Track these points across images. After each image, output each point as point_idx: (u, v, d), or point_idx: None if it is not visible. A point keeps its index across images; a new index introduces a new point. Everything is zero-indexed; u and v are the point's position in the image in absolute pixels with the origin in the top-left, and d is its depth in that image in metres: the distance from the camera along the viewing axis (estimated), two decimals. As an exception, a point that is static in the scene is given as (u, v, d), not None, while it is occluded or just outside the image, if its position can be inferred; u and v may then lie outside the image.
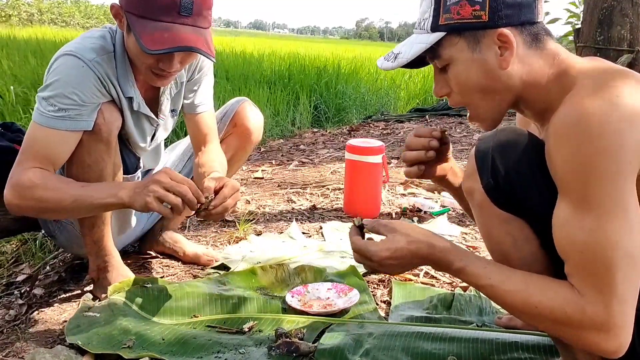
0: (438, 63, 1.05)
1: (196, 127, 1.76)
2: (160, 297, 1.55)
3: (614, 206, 0.85)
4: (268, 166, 3.53)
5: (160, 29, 1.30)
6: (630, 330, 0.87)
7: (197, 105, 1.74)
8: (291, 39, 41.68)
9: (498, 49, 0.98)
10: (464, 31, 1.00)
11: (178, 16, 1.31)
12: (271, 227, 2.31)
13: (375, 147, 2.40)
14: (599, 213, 0.85)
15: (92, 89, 1.41)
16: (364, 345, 1.33)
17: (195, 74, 1.71)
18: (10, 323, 1.57)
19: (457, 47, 1.01)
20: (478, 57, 1.00)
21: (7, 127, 1.79)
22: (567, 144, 0.88)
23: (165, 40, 1.29)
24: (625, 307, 0.86)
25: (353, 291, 1.59)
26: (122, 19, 1.38)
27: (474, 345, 1.32)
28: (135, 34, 1.31)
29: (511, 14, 0.98)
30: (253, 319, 1.46)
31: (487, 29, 0.98)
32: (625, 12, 3.85)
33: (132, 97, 1.52)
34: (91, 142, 1.44)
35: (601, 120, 0.85)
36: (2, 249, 2.15)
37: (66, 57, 1.41)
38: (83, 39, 1.47)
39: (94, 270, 1.64)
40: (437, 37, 1.01)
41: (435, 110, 6.14)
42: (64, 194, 1.36)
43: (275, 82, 6.24)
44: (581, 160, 0.86)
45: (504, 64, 0.99)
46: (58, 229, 1.67)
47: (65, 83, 1.38)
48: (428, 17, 1.03)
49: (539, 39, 1.01)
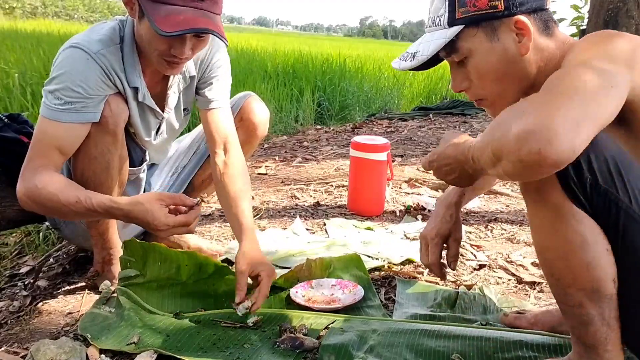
0: (456, 57, 1.07)
1: (211, 125, 1.67)
2: (165, 290, 1.55)
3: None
4: (272, 162, 3.53)
5: (174, 12, 1.30)
6: (572, 142, 0.78)
7: (210, 101, 1.68)
8: (294, 36, 41.63)
9: (515, 35, 1.02)
10: (481, 22, 1.02)
11: (191, 0, 1.31)
12: (275, 223, 2.32)
13: (380, 145, 2.40)
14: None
15: (98, 82, 1.41)
16: (368, 341, 1.33)
17: (206, 70, 1.68)
18: (14, 314, 1.57)
19: (476, 38, 1.03)
20: (497, 46, 1.03)
21: (14, 119, 1.79)
22: (571, 51, 0.99)
23: (179, 23, 1.29)
24: (568, 110, 0.79)
25: (357, 288, 1.59)
26: (134, 6, 1.37)
27: (478, 343, 1.32)
28: (148, 17, 1.31)
29: (524, 2, 1.02)
30: (257, 314, 1.46)
31: (503, 18, 1.01)
32: (630, 13, 3.83)
33: (138, 87, 1.52)
34: (98, 133, 1.44)
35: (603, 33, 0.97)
36: (6, 241, 2.15)
37: (72, 49, 1.41)
38: (90, 31, 1.47)
39: (99, 263, 1.65)
40: (456, 31, 1.03)
41: (439, 109, 6.14)
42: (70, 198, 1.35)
43: (278, 79, 6.23)
44: (581, 47, 0.97)
45: (523, 50, 1.03)
46: (63, 222, 1.67)
47: (70, 76, 1.38)
48: (444, 13, 1.05)
49: (549, 25, 1.06)
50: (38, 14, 31.33)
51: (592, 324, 0.99)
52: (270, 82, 5.92)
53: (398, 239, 2.10)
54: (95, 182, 1.47)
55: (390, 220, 2.38)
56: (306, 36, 45.34)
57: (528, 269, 1.80)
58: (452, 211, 1.35)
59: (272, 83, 5.88)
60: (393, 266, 1.85)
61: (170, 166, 1.96)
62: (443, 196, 1.40)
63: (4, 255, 2.02)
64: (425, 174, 3.13)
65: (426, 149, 3.97)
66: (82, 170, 1.47)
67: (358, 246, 2.00)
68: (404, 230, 2.19)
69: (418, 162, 3.49)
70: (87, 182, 1.45)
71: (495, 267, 1.85)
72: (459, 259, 1.79)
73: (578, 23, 4.99)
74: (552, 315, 1.37)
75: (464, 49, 1.05)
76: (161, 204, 1.35)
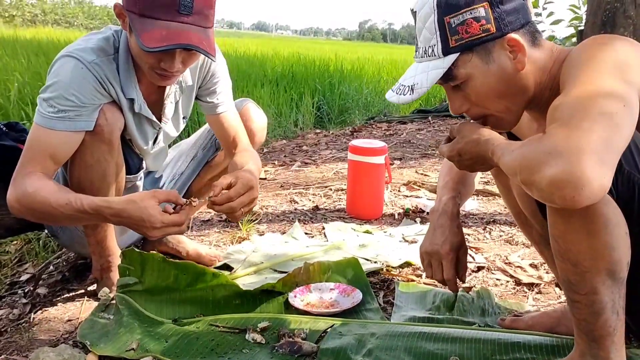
0: (453, 83, 1.08)
1: (221, 128, 1.73)
2: (164, 296, 1.55)
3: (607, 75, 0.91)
4: (271, 167, 3.53)
5: (159, 27, 1.30)
6: (601, 182, 0.81)
7: (217, 105, 1.72)
8: (294, 40, 41.70)
9: (509, 53, 1.04)
10: (475, 47, 1.04)
11: (178, 14, 1.31)
12: (274, 228, 2.32)
13: (378, 148, 2.41)
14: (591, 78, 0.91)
15: (92, 90, 1.42)
16: (367, 345, 1.34)
17: (206, 79, 1.70)
18: (14, 322, 1.57)
19: (472, 63, 1.05)
20: (494, 67, 1.05)
21: (12, 127, 1.80)
22: (570, 64, 0.98)
23: (163, 38, 1.29)
24: (592, 148, 0.81)
25: (356, 291, 1.59)
26: (125, 19, 1.38)
27: (477, 345, 1.32)
28: (135, 32, 1.32)
29: (513, 20, 1.04)
30: (264, 319, 1.46)
31: (496, 39, 1.03)
32: (628, 13, 3.84)
33: (134, 98, 1.52)
34: (94, 142, 1.44)
35: (598, 42, 0.98)
36: (6, 249, 2.16)
37: (66, 58, 1.42)
38: (84, 41, 1.48)
39: (98, 270, 1.65)
40: (452, 59, 1.05)
41: (438, 111, 6.14)
42: (61, 202, 1.34)
43: (277, 83, 6.25)
44: (581, 59, 0.96)
45: (519, 66, 1.05)
46: (61, 229, 1.68)
47: (64, 85, 1.38)
48: (436, 43, 1.06)
49: (535, 36, 1.08)
50: (38, 22, 31.41)
51: (604, 312, 0.99)
52: (269, 86, 5.94)
53: (396, 242, 2.11)
54: (92, 190, 1.47)
55: (389, 223, 2.39)
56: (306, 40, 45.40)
57: (526, 271, 1.81)
58: (457, 222, 1.34)
59: (272, 87, 5.90)
60: (391, 269, 1.85)
61: (168, 173, 1.96)
62: (440, 208, 1.36)
63: (4, 263, 2.03)
64: (424, 177, 3.13)
65: (425, 151, 3.97)
66: (78, 178, 1.48)
67: (356, 249, 2.01)
68: (403, 233, 2.19)
69: (417, 165, 3.49)
70: (84, 191, 1.46)
71: (493, 269, 1.85)
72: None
73: (576, 24, 5.00)
74: (550, 317, 1.37)
75: (462, 75, 1.06)
76: (155, 201, 1.34)
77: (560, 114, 0.89)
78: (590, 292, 0.99)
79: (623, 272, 0.97)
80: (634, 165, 0.95)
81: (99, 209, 1.34)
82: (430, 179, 3.09)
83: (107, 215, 1.35)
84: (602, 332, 1.01)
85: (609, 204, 0.95)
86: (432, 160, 3.67)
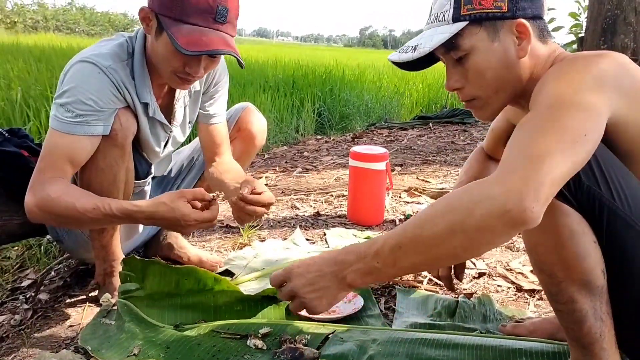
0: (455, 54, 1.08)
1: (210, 138, 1.78)
2: (165, 302, 1.55)
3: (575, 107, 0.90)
4: (272, 173, 3.54)
5: (196, 32, 1.34)
6: (544, 201, 0.84)
7: (212, 116, 1.77)
8: (295, 46, 41.79)
9: (515, 38, 1.05)
10: (484, 21, 1.04)
11: (213, 22, 1.36)
12: (275, 234, 2.32)
13: (379, 154, 2.41)
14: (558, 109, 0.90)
15: (109, 95, 1.43)
16: (368, 351, 1.34)
17: (211, 86, 1.74)
18: (15, 328, 1.57)
19: (478, 36, 1.05)
20: (498, 46, 1.05)
21: (14, 133, 1.80)
22: (549, 78, 0.98)
23: (202, 43, 1.33)
24: (542, 169, 0.83)
25: (357, 297, 1.60)
26: (150, 22, 1.41)
27: (478, 352, 1.32)
28: (170, 35, 1.33)
29: (526, 7, 1.05)
30: (266, 325, 1.46)
31: (506, 19, 1.04)
32: (628, 20, 3.86)
33: (148, 102, 1.54)
34: (107, 146, 1.46)
35: (579, 64, 0.98)
36: (7, 255, 2.16)
37: (82, 63, 1.42)
38: (98, 47, 1.49)
39: (100, 275, 1.66)
40: (460, 27, 1.05)
41: (439, 117, 6.16)
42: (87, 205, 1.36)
43: (278, 89, 6.26)
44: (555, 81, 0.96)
45: (521, 53, 1.05)
46: (66, 233, 1.68)
47: (82, 89, 1.39)
48: (449, 9, 1.07)
49: (544, 34, 1.09)
50: (39, 28, 31.51)
51: (586, 320, 1.00)
52: (270, 92, 5.95)
53: (398, 248, 2.10)
54: (102, 193, 1.48)
55: (390, 229, 2.39)
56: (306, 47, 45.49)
57: (527, 277, 1.81)
58: None
59: (273, 93, 5.91)
60: (393, 275, 1.85)
61: (169, 180, 1.97)
62: None
63: (5, 268, 2.03)
64: (425, 183, 3.13)
65: (426, 157, 3.98)
66: (88, 181, 1.49)
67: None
68: (404, 239, 2.19)
69: (418, 171, 3.50)
70: (93, 192, 1.47)
71: (494, 275, 1.85)
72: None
73: (576, 31, 5.02)
74: (551, 323, 1.38)
75: (465, 46, 1.06)
76: (184, 200, 1.37)
77: (518, 134, 0.90)
78: (569, 301, 1.00)
79: (599, 280, 0.98)
80: (594, 180, 0.95)
81: (129, 212, 1.37)
82: (431, 185, 3.09)
83: (139, 218, 1.38)
84: (588, 339, 1.02)
85: (571, 215, 0.96)
86: (433, 166, 3.68)
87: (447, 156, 4.04)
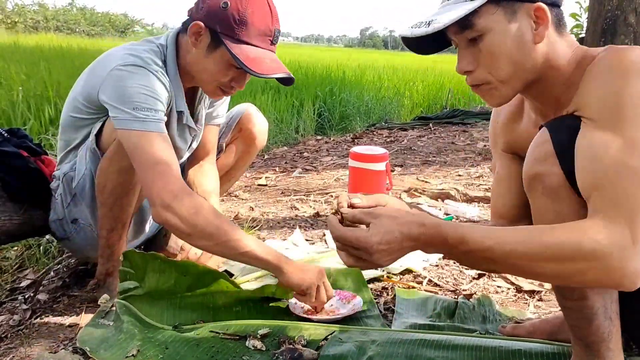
0: (469, 34, 1.03)
1: (205, 137, 1.83)
2: (164, 302, 1.55)
3: None
4: (272, 173, 3.54)
5: (258, 55, 1.43)
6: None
7: (214, 117, 1.82)
8: (295, 47, 41.81)
9: (533, 23, 1.01)
10: (502, 1, 1.00)
11: (270, 44, 1.47)
12: (274, 234, 2.32)
13: (378, 155, 2.41)
14: (633, 138, 0.87)
15: (167, 96, 1.48)
16: (367, 352, 1.33)
17: None
18: (14, 328, 1.57)
19: (495, 16, 1.00)
20: (514, 29, 1.00)
21: (13, 133, 1.80)
22: (605, 83, 0.93)
23: (266, 67, 1.42)
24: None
25: (357, 298, 1.59)
26: (200, 37, 1.45)
27: (477, 353, 1.32)
28: (235, 56, 1.40)
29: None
30: (264, 326, 1.46)
31: (524, 2, 1.00)
32: (629, 21, 3.85)
33: (183, 111, 1.59)
34: None
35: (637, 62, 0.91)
36: (6, 255, 2.16)
37: (132, 67, 1.42)
38: (133, 51, 1.48)
39: (102, 274, 1.65)
40: (479, 4, 0.99)
41: (439, 118, 6.16)
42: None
43: (279, 90, 6.26)
44: (618, 92, 0.90)
45: (537, 38, 1.01)
46: (75, 231, 1.68)
47: (148, 89, 1.41)
48: None
49: (562, 23, 1.05)
50: (40, 28, 31.47)
51: (595, 318, 1.00)
52: (270, 93, 5.95)
53: (397, 248, 2.10)
54: (115, 192, 1.50)
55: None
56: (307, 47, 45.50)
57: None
58: None
59: (273, 94, 5.91)
60: (392, 276, 1.85)
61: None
62: None
63: (4, 269, 2.03)
64: (425, 184, 3.13)
65: (426, 158, 3.98)
66: (106, 179, 1.50)
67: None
68: (404, 240, 2.19)
69: (418, 172, 3.50)
70: (110, 191, 1.50)
71: (494, 276, 1.85)
72: (458, 268, 1.79)
73: (577, 31, 5.02)
74: (551, 324, 1.37)
75: (481, 25, 1.01)
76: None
77: (601, 196, 0.88)
78: (580, 297, 0.99)
79: None
80: None
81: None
82: (431, 185, 3.09)
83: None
84: (595, 338, 1.01)
85: None
86: (433, 167, 3.68)
87: (447, 157, 4.03)
